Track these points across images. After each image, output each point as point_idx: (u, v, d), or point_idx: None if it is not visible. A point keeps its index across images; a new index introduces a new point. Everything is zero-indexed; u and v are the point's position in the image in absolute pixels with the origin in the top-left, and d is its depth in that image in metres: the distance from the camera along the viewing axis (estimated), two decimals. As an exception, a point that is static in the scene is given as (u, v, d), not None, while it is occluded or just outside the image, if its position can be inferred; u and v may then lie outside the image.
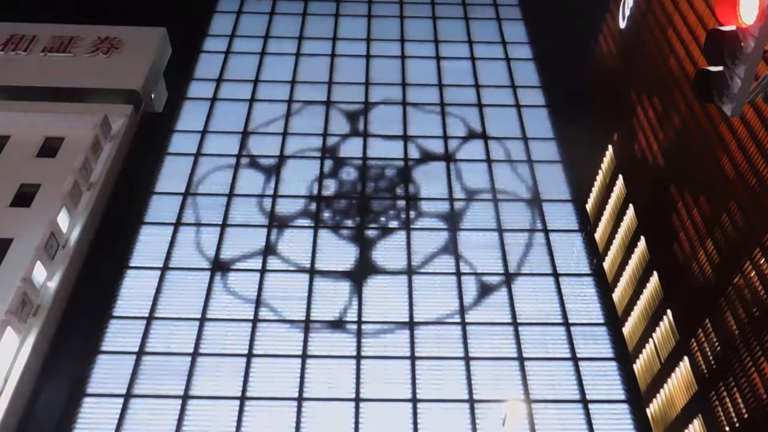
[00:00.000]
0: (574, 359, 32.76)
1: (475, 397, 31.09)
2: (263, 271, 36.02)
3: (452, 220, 38.86)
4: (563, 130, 44.54)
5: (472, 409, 30.71)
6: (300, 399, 30.84)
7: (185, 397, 30.77)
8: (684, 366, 28.20)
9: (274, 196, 39.85)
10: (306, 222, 38.55)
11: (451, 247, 37.43)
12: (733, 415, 24.26)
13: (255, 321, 33.80)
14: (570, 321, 34.29)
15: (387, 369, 32.16)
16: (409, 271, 36.17)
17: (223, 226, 38.24)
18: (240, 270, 36.03)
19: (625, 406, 31.39)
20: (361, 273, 36.00)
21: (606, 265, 37.22)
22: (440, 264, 36.63)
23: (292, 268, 36.18)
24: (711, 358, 26.05)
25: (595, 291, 35.87)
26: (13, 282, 31.00)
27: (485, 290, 35.53)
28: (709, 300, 26.27)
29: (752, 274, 23.38)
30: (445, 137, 44.04)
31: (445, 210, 39.43)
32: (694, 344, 27.28)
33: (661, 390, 30.07)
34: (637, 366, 32.57)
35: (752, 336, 23.27)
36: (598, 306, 35.17)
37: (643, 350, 32.07)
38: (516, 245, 37.76)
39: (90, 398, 30.61)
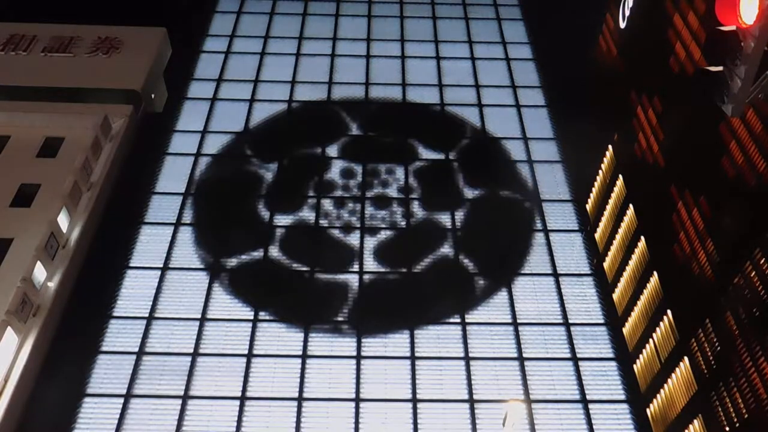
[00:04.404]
0: (574, 359, 32.77)
1: (475, 397, 31.11)
2: (263, 271, 36.03)
3: (452, 220, 38.86)
4: (563, 130, 44.58)
5: (472, 409, 30.72)
6: (300, 399, 30.85)
7: (185, 397, 30.78)
8: (684, 366, 28.19)
9: (275, 196, 39.85)
10: (306, 222, 38.54)
11: (452, 247, 37.43)
12: (733, 415, 24.25)
13: (255, 321, 33.80)
14: (570, 321, 34.31)
15: (387, 369, 32.16)
16: (409, 271, 36.16)
17: (224, 226, 38.24)
18: (240, 270, 36.03)
19: (625, 406, 31.40)
20: (361, 273, 36.00)
21: (606, 265, 37.21)
22: (440, 264, 36.63)
23: (292, 268, 36.17)
24: (711, 358, 26.04)
25: (595, 291, 35.88)
26: (13, 282, 31.01)
27: (485, 290, 35.53)
28: (709, 300, 26.26)
29: (752, 274, 23.37)
30: (445, 137, 44.04)
31: (445, 209, 39.42)
32: (694, 344, 27.27)
33: (661, 390, 30.06)
34: (637, 366, 32.56)
35: (752, 336, 23.27)
36: (598, 306, 35.20)
37: (643, 350, 32.06)
38: (516, 245, 37.77)
39: (90, 398, 30.63)
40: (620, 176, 36.95)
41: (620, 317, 34.80)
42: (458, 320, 34.11)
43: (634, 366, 32.76)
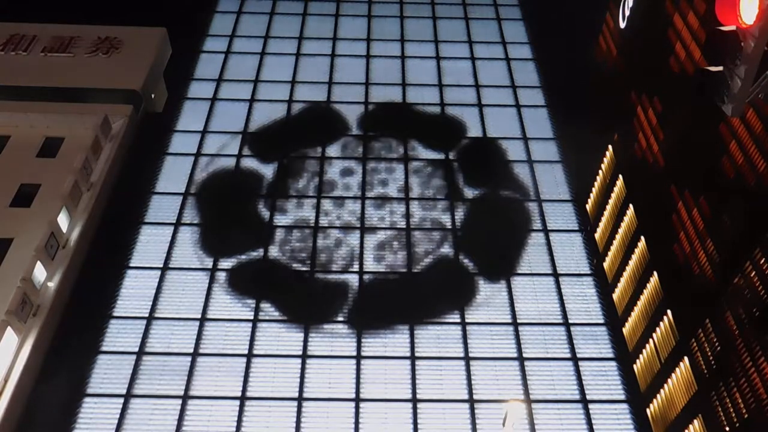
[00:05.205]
0: (574, 359, 32.77)
1: (475, 397, 31.11)
2: (263, 271, 36.03)
3: (452, 220, 38.85)
4: (563, 130, 44.57)
5: (472, 409, 30.72)
6: (300, 399, 30.85)
7: (185, 397, 30.78)
8: (684, 366, 28.19)
9: (275, 196, 39.87)
10: (306, 222, 38.55)
11: (451, 247, 37.43)
12: (733, 415, 24.26)
13: (255, 321, 33.81)
14: (570, 321, 34.31)
15: (387, 369, 32.16)
16: (409, 271, 36.17)
17: (224, 226, 38.24)
18: (240, 270, 36.03)
19: (625, 406, 31.40)
20: (361, 273, 36.00)
21: (606, 265, 37.21)
22: (440, 264, 36.63)
23: (292, 268, 36.17)
24: (711, 358, 26.04)
25: (595, 291, 35.88)
26: (13, 282, 31.01)
27: (485, 290, 35.52)
28: (709, 300, 26.26)
29: (752, 274, 23.37)
30: (445, 137, 44.04)
31: (445, 209, 39.43)
32: (694, 344, 27.27)
33: (661, 390, 30.07)
34: (637, 366, 32.57)
35: (752, 336, 23.27)
36: (598, 306, 35.20)
37: (643, 350, 32.06)
38: (516, 245, 37.77)
39: (90, 398, 30.64)
40: (620, 176, 36.95)
41: (620, 317, 34.80)
42: (458, 320, 34.11)
43: (634, 366, 32.76)
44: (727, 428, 24.59)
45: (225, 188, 40.42)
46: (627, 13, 38.80)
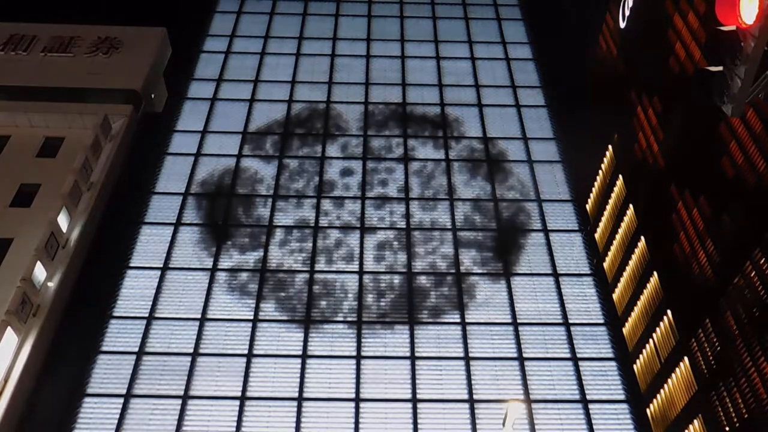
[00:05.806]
0: (574, 359, 32.77)
1: (475, 397, 31.11)
2: (263, 270, 36.04)
3: (452, 220, 38.84)
4: (563, 130, 44.56)
5: (472, 409, 30.72)
6: (300, 399, 30.85)
7: (185, 397, 30.78)
8: (684, 366, 28.19)
9: (274, 197, 39.88)
10: (305, 222, 38.55)
11: (451, 247, 37.43)
12: (733, 415, 24.26)
13: (255, 321, 33.81)
14: (570, 321, 34.30)
15: (387, 369, 32.16)
16: (409, 271, 36.17)
17: (224, 225, 38.26)
18: (240, 270, 36.04)
19: (625, 406, 31.40)
20: (361, 273, 36.00)
21: (606, 265, 37.22)
22: (440, 264, 36.64)
23: (292, 268, 36.18)
24: (711, 358, 26.04)
25: (595, 291, 35.88)
26: (13, 282, 31.01)
27: (485, 290, 35.53)
28: (709, 300, 26.26)
29: (752, 274, 23.37)
30: (445, 137, 44.06)
31: (445, 209, 39.43)
32: (694, 344, 27.27)
33: (661, 390, 30.07)
34: (637, 366, 32.57)
35: (752, 336, 23.27)
36: (598, 306, 35.19)
37: (643, 350, 32.07)
38: (516, 245, 37.77)
39: (90, 398, 30.63)
40: (620, 176, 36.95)
41: (620, 317, 34.81)
42: (458, 320, 34.12)
43: (634, 366, 32.77)
44: (727, 428, 24.59)
45: (225, 188, 40.42)
46: (627, 13, 38.80)
